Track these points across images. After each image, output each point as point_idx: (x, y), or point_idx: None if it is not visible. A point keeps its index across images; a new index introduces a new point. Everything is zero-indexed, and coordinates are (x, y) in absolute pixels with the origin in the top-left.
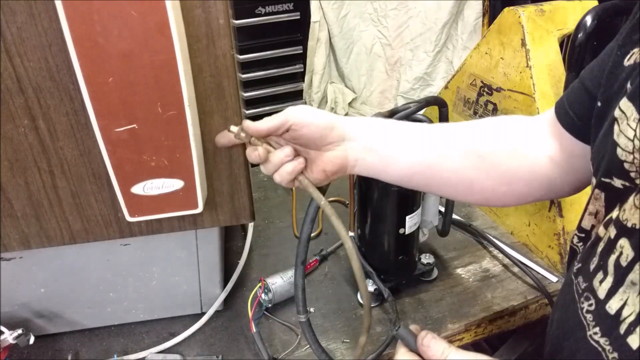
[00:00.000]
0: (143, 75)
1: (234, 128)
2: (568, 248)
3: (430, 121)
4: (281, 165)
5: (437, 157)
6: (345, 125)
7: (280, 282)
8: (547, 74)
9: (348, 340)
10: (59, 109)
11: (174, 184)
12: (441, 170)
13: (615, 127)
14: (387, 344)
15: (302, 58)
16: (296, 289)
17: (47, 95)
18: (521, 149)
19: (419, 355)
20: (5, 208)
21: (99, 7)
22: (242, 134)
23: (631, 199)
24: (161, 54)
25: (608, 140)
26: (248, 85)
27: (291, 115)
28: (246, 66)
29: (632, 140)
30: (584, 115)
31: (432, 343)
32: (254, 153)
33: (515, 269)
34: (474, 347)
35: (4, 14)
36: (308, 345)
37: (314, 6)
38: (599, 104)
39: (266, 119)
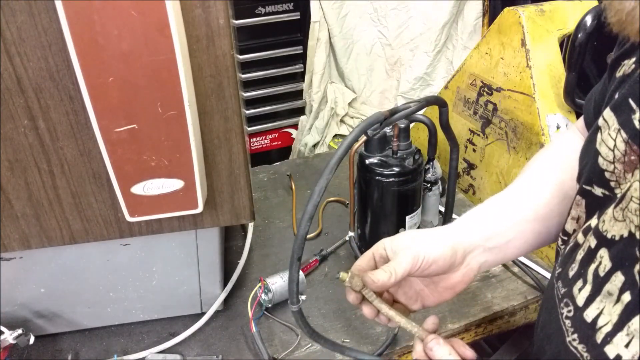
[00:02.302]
0: (143, 75)
1: (344, 275)
2: None
3: (431, 121)
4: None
5: (542, 221)
6: (463, 238)
7: (280, 282)
8: (547, 74)
9: (348, 340)
10: (59, 109)
11: (174, 184)
12: (549, 229)
13: (598, 135)
14: (387, 344)
15: (302, 58)
16: (291, 282)
17: (47, 95)
18: None
19: None
20: (5, 208)
21: (99, 7)
22: (355, 281)
23: (610, 210)
24: (161, 54)
25: (591, 147)
26: (248, 85)
27: (418, 256)
28: (246, 66)
29: (612, 150)
30: None
31: (435, 347)
32: (381, 317)
33: (515, 269)
34: (474, 347)
35: (4, 14)
36: (308, 345)
37: (314, 6)
38: None
39: (390, 270)
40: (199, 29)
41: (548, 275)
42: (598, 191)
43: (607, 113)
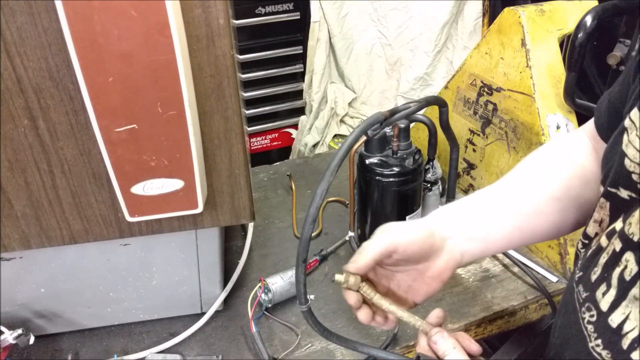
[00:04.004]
0: (143, 75)
1: (339, 277)
2: (568, 248)
3: (431, 121)
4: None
5: (526, 219)
6: (440, 224)
7: (280, 282)
8: (547, 74)
9: None
10: (59, 109)
11: (174, 184)
12: (533, 229)
13: (625, 137)
14: (387, 344)
15: (302, 58)
16: (298, 284)
17: (47, 95)
18: (586, 174)
19: None
20: (5, 208)
21: (99, 7)
22: (352, 280)
23: (637, 212)
24: (161, 54)
25: (616, 149)
26: (248, 85)
27: (393, 238)
28: (246, 66)
29: None
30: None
31: (440, 341)
32: (377, 319)
33: (515, 269)
34: None
35: (4, 14)
36: (308, 345)
37: (314, 6)
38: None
39: (365, 252)
40: (199, 29)
41: (548, 275)
42: (624, 194)
43: (635, 114)
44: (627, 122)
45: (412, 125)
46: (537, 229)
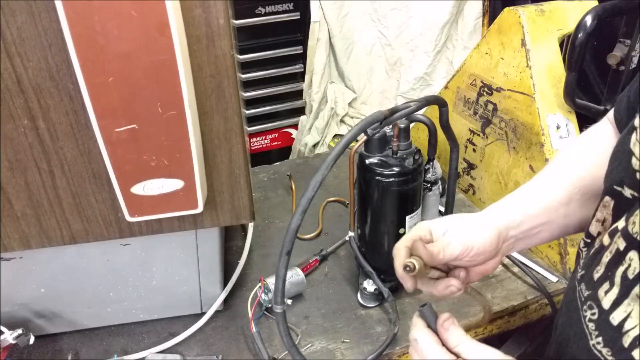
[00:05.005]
0: (143, 75)
1: (408, 261)
2: (568, 248)
3: (431, 121)
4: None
5: (572, 215)
6: (502, 226)
7: None
8: (547, 74)
9: (348, 340)
10: (59, 109)
11: (174, 184)
12: (576, 221)
13: (633, 135)
14: (387, 344)
15: (302, 58)
16: (277, 279)
17: (47, 95)
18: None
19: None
20: (5, 208)
21: (99, 7)
22: (416, 264)
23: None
24: (161, 54)
25: (624, 148)
26: (248, 85)
27: (468, 244)
28: (246, 66)
29: None
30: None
31: (451, 328)
32: (449, 289)
33: (515, 269)
34: None
35: (4, 14)
36: (308, 345)
37: (314, 6)
38: None
39: (444, 252)
40: (199, 29)
41: (548, 275)
42: (628, 192)
43: None
44: (637, 121)
45: (412, 125)
46: (571, 223)
